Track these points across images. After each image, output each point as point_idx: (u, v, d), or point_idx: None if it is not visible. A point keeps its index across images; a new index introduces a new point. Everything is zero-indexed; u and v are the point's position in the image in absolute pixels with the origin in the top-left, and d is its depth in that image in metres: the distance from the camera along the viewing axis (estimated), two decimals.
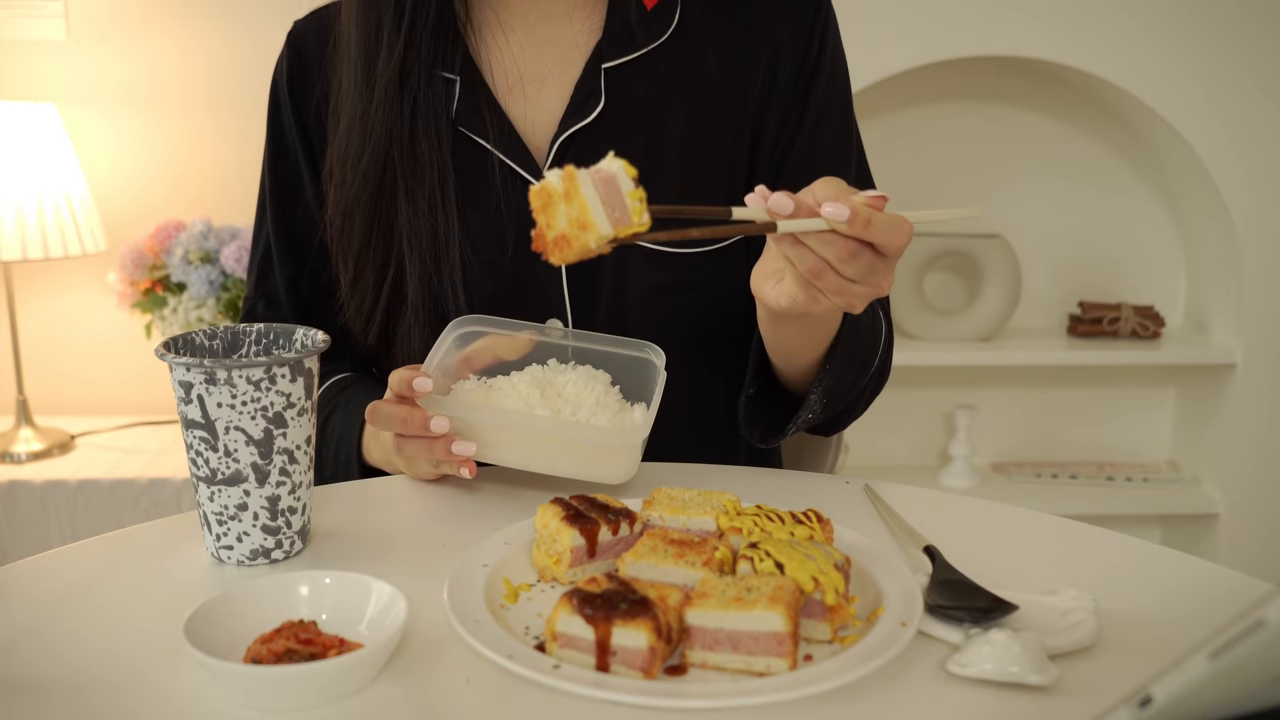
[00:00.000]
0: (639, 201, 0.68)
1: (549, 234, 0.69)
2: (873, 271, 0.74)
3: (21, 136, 2.01)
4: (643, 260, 1.01)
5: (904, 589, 0.69)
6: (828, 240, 0.72)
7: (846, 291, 0.75)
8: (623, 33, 1.00)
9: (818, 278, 0.74)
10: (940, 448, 2.58)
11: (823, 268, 0.74)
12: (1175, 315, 2.51)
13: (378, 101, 0.98)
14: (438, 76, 1.00)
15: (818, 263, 0.73)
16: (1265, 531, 2.33)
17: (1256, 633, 0.38)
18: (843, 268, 0.73)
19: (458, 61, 1.01)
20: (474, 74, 1.02)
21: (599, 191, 0.68)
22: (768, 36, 1.02)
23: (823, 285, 0.75)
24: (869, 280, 0.75)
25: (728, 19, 1.03)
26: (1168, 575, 0.77)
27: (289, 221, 1.09)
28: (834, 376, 0.94)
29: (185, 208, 2.24)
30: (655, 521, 0.77)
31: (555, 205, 0.69)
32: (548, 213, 0.69)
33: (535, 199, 0.69)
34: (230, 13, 2.22)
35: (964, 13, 2.15)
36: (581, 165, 0.69)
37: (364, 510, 0.89)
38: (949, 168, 2.44)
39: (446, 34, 1.00)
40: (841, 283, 0.74)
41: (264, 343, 0.83)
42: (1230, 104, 2.18)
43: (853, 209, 0.70)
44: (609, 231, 0.68)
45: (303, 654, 0.62)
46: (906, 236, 0.73)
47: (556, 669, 0.60)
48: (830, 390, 0.95)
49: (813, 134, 1.03)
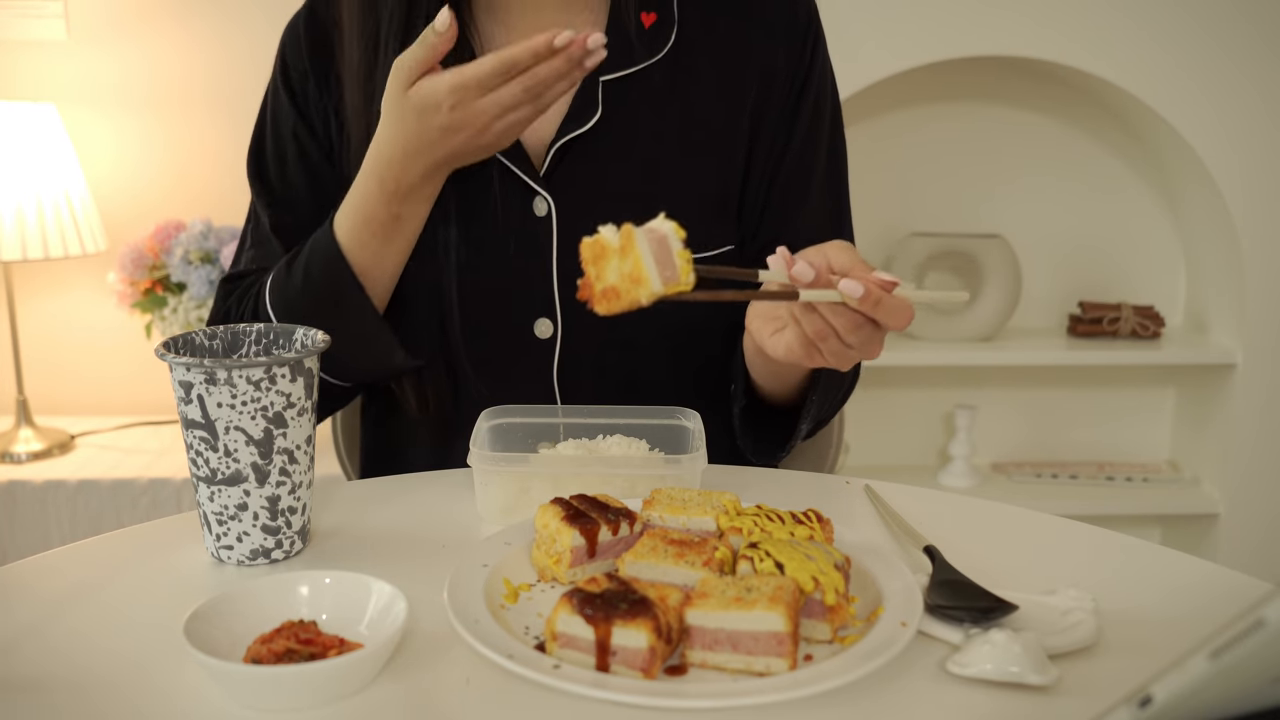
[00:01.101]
0: (687, 262, 0.71)
1: (597, 285, 0.72)
2: (871, 341, 0.80)
3: (21, 136, 2.01)
4: None
5: (904, 589, 0.69)
6: (839, 311, 0.78)
7: (844, 356, 0.81)
8: (621, 47, 1.02)
9: (822, 340, 0.80)
10: (940, 448, 2.58)
11: (828, 333, 0.79)
12: (1175, 315, 2.51)
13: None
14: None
15: (825, 328, 0.79)
16: (1265, 531, 2.33)
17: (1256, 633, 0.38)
18: (847, 336, 0.79)
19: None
20: None
21: (652, 250, 0.71)
22: (760, 55, 1.05)
23: (824, 348, 0.80)
24: (864, 350, 0.81)
25: (722, 37, 1.05)
26: (1168, 575, 0.77)
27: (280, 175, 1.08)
28: (818, 407, 1.00)
29: (185, 208, 2.24)
30: (655, 521, 0.77)
31: (608, 259, 0.71)
32: (599, 264, 0.72)
33: (587, 250, 0.72)
34: (230, 13, 2.22)
35: (964, 13, 2.15)
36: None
37: (364, 510, 0.89)
38: (949, 168, 2.44)
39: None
40: (842, 349, 0.80)
41: (264, 343, 0.83)
42: (1230, 104, 2.18)
43: (866, 288, 0.75)
44: (660, 289, 0.71)
45: (303, 654, 0.62)
46: (908, 320, 0.78)
47: (556, 669, 0.60)
48: (815, 419, 1.02)
49: (801, 150, 1.06)
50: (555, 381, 1.04)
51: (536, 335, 1.04)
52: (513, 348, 1.04)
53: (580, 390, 1.04)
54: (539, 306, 1.03)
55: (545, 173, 1.01)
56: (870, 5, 2.12)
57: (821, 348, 0.80)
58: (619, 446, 0.90)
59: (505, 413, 0.94)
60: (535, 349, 1.04)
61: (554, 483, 0.85)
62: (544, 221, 1.02)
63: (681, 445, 0.91)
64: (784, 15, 1.06)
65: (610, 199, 1.01)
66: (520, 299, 1.03)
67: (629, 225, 0.71)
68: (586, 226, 1.01)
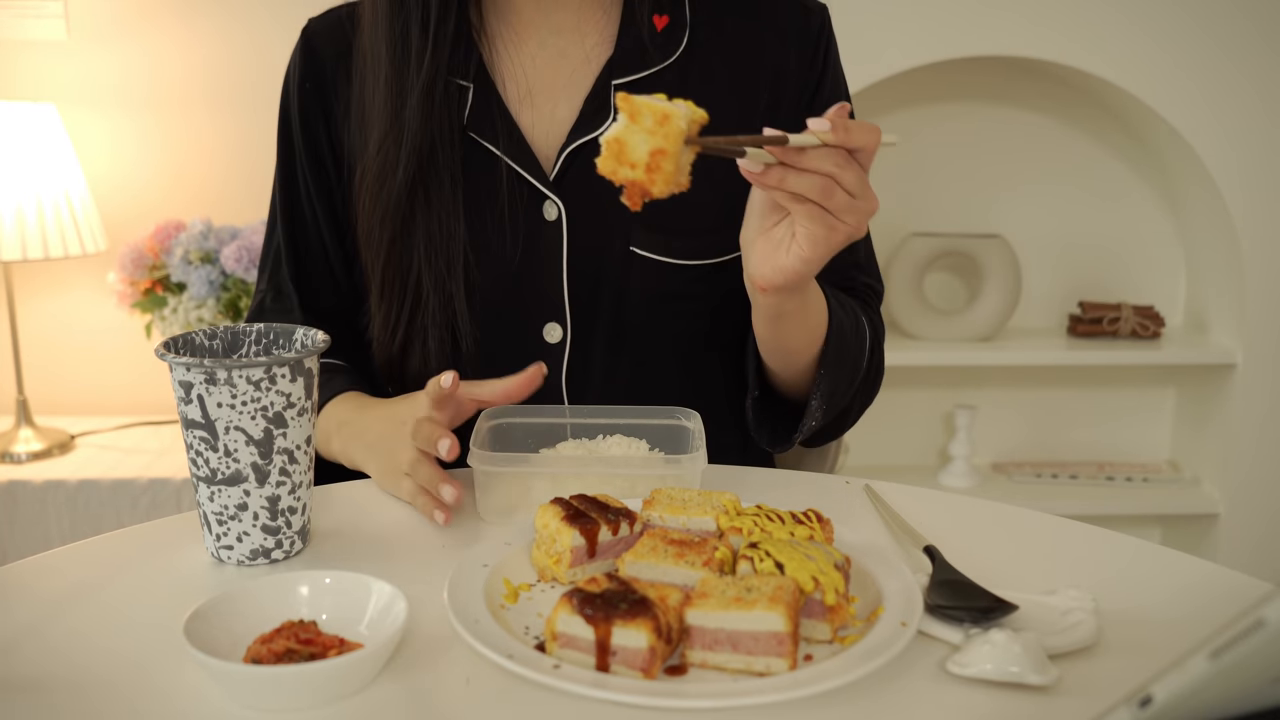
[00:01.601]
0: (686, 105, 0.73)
1: (636, 172, 0.72)
2: (862, 183, 0.80)
3: (21, 136, 2.01)
4: (645, 270, 1.02)
5: (904, 589, 0.69)
6: (824, 154, 0.77)
7: (853, 209, 0.80)
8: (634, 51, 1.02)
9: (828, 197, 0.78)
10: (940, 448, 2.58)
11: (830, 184, 0.78)
12: (1175, 315, 2.51)
13: (410, 111, 0.99)
14: (453, 84, 1.01)
15: (824, 180, 0.78)
16: (1265, 531, 2.33)
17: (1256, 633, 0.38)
18: (842, 176, 0.78)
19: (472, 70, 1.02)
20: (487, 82, 1.03)
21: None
22: (772, 57, 1.05)
23: (833, 205, 0.79)
24: (863, 194, 0.80)
25: (733, 40, 1.05)
26: (1168, 575, 0.77)
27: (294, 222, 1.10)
28: (829, 381, 0.97)
29: (185, 208, 2.24)
30: (655, 521, 0.77)
31: (628, 142, 0.71)
32: (623, 156, 0.72)
33: (609, 159, 0.72)
34: (230, 12, 2.22)
35: (964, 13, 2.15)
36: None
37: (364, 510, 0.89)
38: (949, 168, 2.44)
39: (462, 42, 1.01)
40: (847, 199, 0.79)
41: (264, 343, 0.83)
42: (1230, 104, 2.18)
43: (830, 118, 0.77)
44: (687, 112, 0.72)
45: (303, 654, 0.62)
46: (876, 136, 0.79)
47: (556, 669, 0.60)
48: (828, 395, 0.98)
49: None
50: (564, 386, 1.04)
51: (546, 340, 1.03)
52: (522, 352, 1.03)
53: (588, 395, 1.04)
54: (549, 311, 1.03)
55: (556, 177, 1.01)
56: (870, 5, 2.12)
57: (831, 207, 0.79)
58: (619, 446, 0.90)
59: (505, 413, 0.93)
60: (544, 354, 1.03)
61: (554, 483, 0.85)
62: (554, 226, 1.02)
63: (681, 445, 0.91)
64: (795, 20, 1.06)
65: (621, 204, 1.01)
66: (530, 304, 1.03)
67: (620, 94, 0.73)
68: (597, 231, 1.01)
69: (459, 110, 1.01)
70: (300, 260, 1.10)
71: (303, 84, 1.07)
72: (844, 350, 0.97)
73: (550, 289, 1.02)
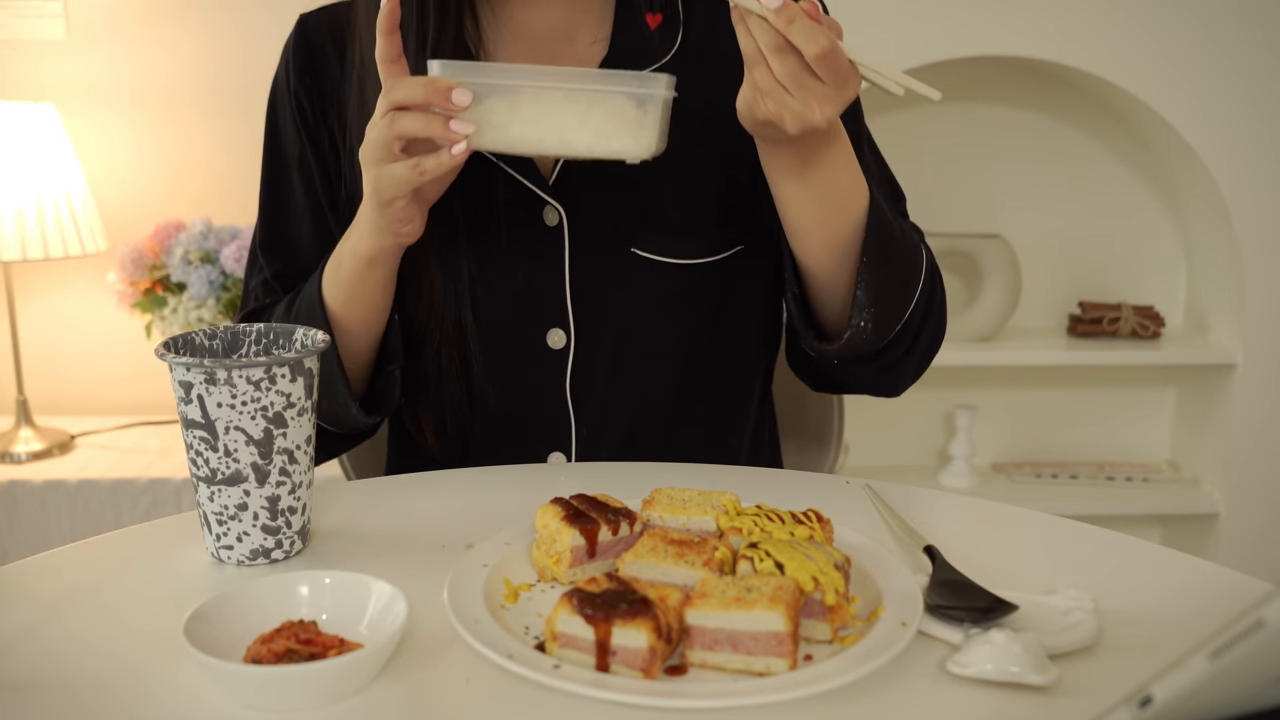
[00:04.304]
0: None
1: None
2: (803, 86, 0.78)
3: (21, 136, 2.01)
4: (649, 270, 1.01)
5: (904, 589, 0.69)
6: (763, 27, 0.77)
7: (777, 96, 0.78)
8: (629, 51, 1.01)
9: (752, 66, 0.78)
10: (940, 448, 2.58)
11: (756, 55, 0.77)
12: (1175, 315, 2.51)
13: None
14: None
15: (753, 47, 0.77)
16: (1265, 531, 2.33)
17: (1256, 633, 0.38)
18: (773, 62, 0.77)
19: None
20: None
21: None
22: None
23: (756, 77, 0.78)
24: (799, 94, 0.78)
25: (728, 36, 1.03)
26: (1168, 575, 0.77)
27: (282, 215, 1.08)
28: (874, 274, 0.92)
29: (185, 208, 2.24)
30: (655, 521, 0.77)
31: None
32: None
33: None
34: (230, 12, 2.22)
35: (964, 13, 2.15)
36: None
37: (364, 510, 0.89)
38: (949, 168, 2.44)
39: (461, 51, 1.00)
40: (773, 83, 0.78)
41: (264, 343, 0.83)
42: (1230, 104, 2.18)
43: (784, 2, 0.75)
44: None
45: (303, 654, 0.62)
46: (820, 47, 0.76)
47: (556, 669, 0.60)
48: (875, 292, 0.92)
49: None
50: (568, 391, 1.03)
51: (549, 346, 1.03)
52: (525, 358, 1.03)
53: (593, 399, 1.04)
54: (552, 317, 1.02)
55: (555, 182, 1.00)
56: (870, 5, 2.12)
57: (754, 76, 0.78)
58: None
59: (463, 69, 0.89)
60: (548, 359, 1.03)
61: (510, 104, 0.81)
62: (555, 231, 1.01)
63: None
64: None
65: (621, 206, 1.01)
66: (533, 310, 1.02)
67: None
68: (598, 234, 1.01)
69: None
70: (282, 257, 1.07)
71: (301, 75, 1.04)
72: (889, 241, 0.93)
73: (552, 295, 1.02)
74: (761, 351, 1.13)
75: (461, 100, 0.81)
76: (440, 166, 0.83)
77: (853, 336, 0.94)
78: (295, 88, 1.05)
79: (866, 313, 0.93)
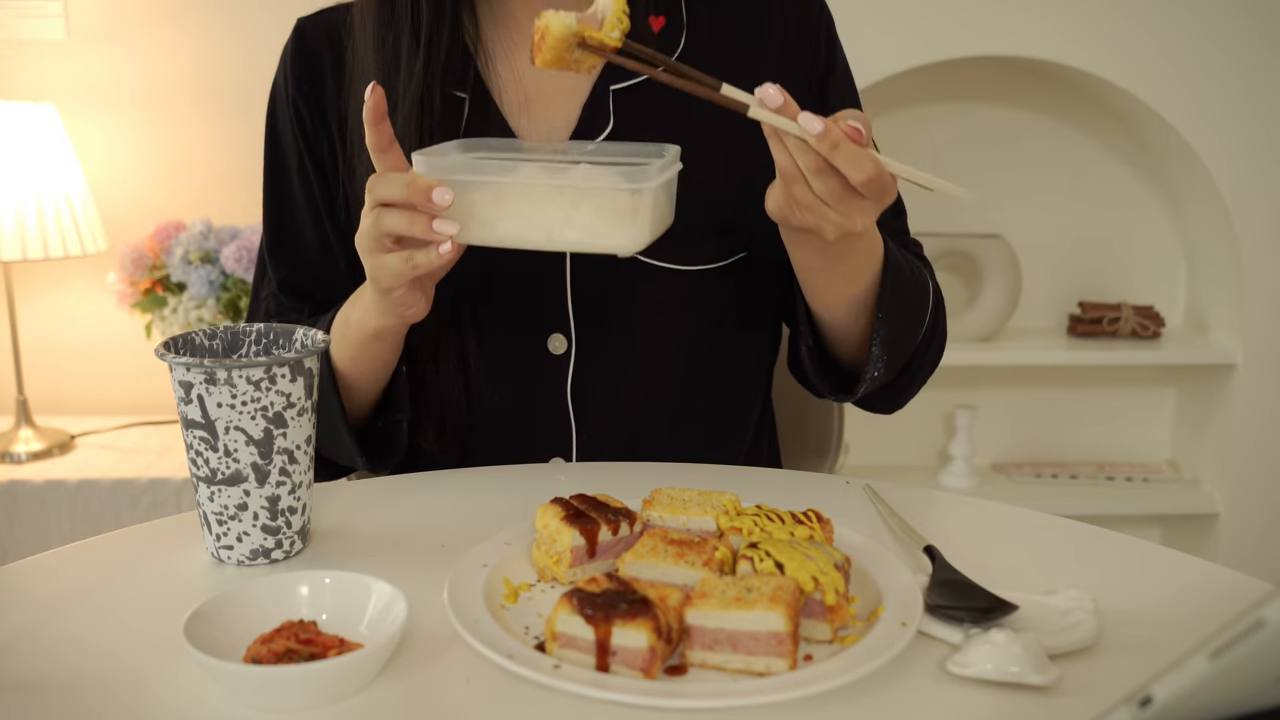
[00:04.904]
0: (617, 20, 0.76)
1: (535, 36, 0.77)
2: (844, 201, 0.77)
3: (21, 136, 2.01)
4: (651, 276, 1.01)
5: (904, 589, 0.69)
6: (803, 148, 0.75)
7: (817, 210, 0.77)
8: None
9: (791, 183, 0.77)
10: (940, 448, 2.58)
11: (795, 174, 0.76)
12: (1175, 315, 2.51)
13: (401, 125, 0.95)
14: (450, 95, 0.99)
15: (791, 167, 0.76)
16: (1265, 531, 2.33)
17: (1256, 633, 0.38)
18: (813, 181, 0.76)
19: (469, 81, 1.00)
20: (483, 93, 1.01)
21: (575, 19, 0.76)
22: (773, 54, 1.03)
23: (795, 193, 0.77)
24: (840, 208, 0.77)
25: (732, 38, 1.03)
26: (1168, 575, 0.77)
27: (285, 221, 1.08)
28: (888, 326, 0.93)
29: (185, 208, 2.24)
30: (655, 521, 0.77)
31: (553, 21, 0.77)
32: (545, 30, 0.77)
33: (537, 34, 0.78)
34: (230, 13, 2.22)
35: (964, 13, 2.15)
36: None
37: (364, 510, 0.89)
38: (949, 168, 2.44)
39: (458, 53, 0.99)
40: (813, 199, 0.77)
41: (264, 343, 0.83)
42: (1230, 104, 2.18)
43: (826, 126, 0.73)
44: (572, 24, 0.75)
45: (303, 654, 0.62)
46: (866, 174, 0.75)
47: (556, 669, 0.60)
48: (889, 342, 0.94)
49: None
50: (569, 397, 1.03)
51: (550, 351, 1.02)
52: (526, 363, 1.03)
53: (594, 405, 1.03)
54: (553, 322, 1.02)
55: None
56: (870, 5, 2.12)
57: (794, 194, 0.77)
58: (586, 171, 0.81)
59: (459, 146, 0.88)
60: (549, 364, 1.03)
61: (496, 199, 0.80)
62: None
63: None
64: (794, 12, 1.04)
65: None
66: (534, 315, 1.02)
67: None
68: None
69: (455, 122, 0.99)
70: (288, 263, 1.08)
71: (299, 85, 1.04)
72: (901, 292, 0.93)
73: (553, 300, 1.01)
74: (762, 359, 1.13)
75: (443, 200, 0.78)
76: (430, 263, 0.82)
77: (867, 388, 0.97)
78: (293, 95, 1.04)
79: (880, 362, 0.95)
